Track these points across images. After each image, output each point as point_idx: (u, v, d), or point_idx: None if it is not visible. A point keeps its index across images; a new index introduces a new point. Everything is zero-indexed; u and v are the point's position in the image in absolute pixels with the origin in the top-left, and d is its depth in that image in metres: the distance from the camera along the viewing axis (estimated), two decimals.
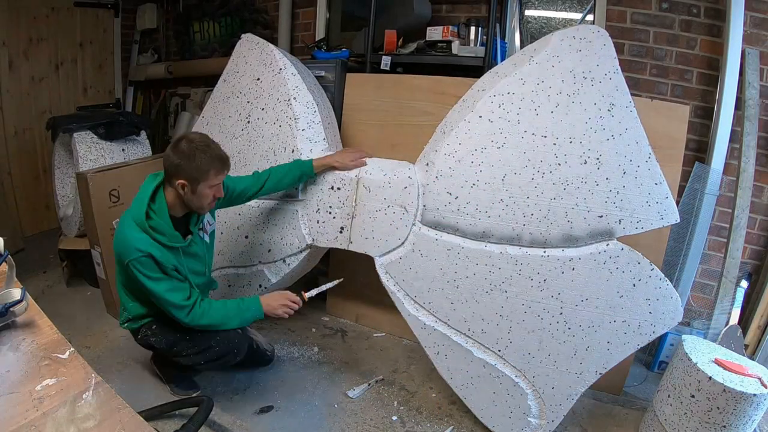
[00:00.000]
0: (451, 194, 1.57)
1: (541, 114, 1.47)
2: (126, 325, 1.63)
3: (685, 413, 1.41)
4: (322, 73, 2.11)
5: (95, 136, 2.27)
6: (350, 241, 1.75)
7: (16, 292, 0.84)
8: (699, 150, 1.94)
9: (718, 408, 1.33)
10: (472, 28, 2.05)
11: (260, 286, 1.97)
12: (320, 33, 2.61)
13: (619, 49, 1.66)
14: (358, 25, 2.33)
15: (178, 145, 1.40)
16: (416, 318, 1.66)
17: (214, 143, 1.44)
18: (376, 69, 2.16)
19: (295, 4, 2.71)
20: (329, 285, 1.67)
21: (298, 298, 1.59)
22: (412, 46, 2.12)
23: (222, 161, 1.44)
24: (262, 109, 1.89)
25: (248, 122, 1.93)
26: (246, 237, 1.95)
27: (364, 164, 1.75)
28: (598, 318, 1.46)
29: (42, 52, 3.04)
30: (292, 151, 1.82)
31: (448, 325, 1.62)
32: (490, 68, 1.68)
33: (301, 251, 1.86)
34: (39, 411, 0.66)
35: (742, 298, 1.72)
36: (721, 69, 1.83)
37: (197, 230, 1.56)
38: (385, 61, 2.12)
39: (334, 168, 1.75)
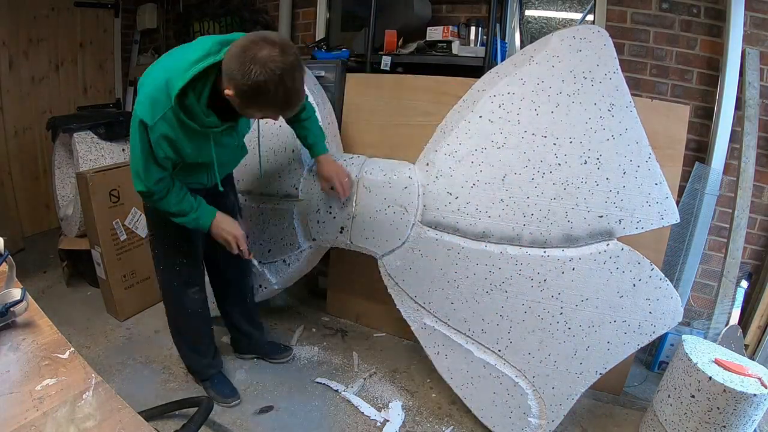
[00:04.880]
0: (451, 194, 1.57)
1: (541, 114, 1.47)
2: None
3: (685, 413, 1.41)
4: (322, 73, 2.11)
5: (95, 136, 2.27)
6: (350, 241, 1.75)
7: (16, 292, 0.84)
8: (699, 150, 1.94)
9: (718, 408, 1.33)
10: (472, 28, 2.05)
11: (260, 286, 1.97)
12: (320, 33, 2.61)
13: (619, 49, 1.66)
14: (358, 25, 2.33)
15: (251, 54, 1.05)
16: (416, 318, 1.66)
17: (291, 74, 1.08)
18: (376, 69, 2.16)
19: (295, 4, 2.71)
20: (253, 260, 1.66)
21: (245, 248, 1.48)
22: (412, 46, 2.12)
23: (286, 106, 1.16)
24: None
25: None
26: (246, 237, 1.94)
27: (338, 194, 1.64)
28: (598, 318, 1.46)
29: (42, 52, 3.04)
30: (293, 150, 1.82)
31: (448, 325, 1.62)
32: (490, 68, 1.68)
33: (301, 251, 1.86)
34: (39, 411, 0.66)
35: (742, 298, 1.72)
36: (721, 69, 1.83)
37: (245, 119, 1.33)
38: (385, 61, 2.11)
39: (319, 172, 1.65)
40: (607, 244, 1.44)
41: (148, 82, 1.20)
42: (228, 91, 1.12)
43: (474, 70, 1.93)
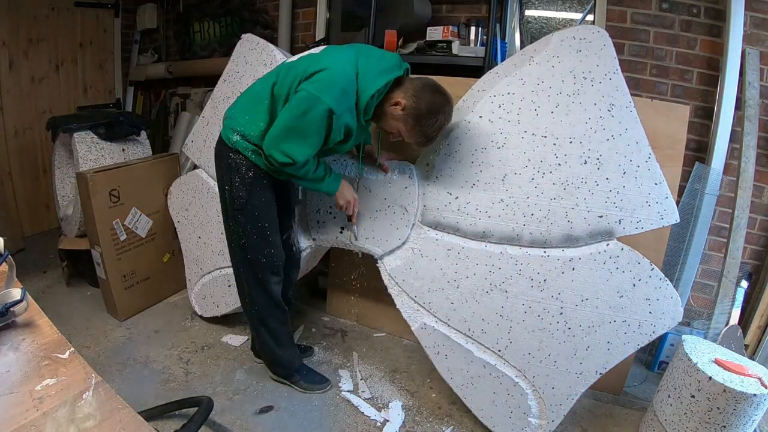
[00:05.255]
0: (451, 194, 1.57)
1: (541, 114, 1.47)
2: (235, 138, 1.46)
3: (685, 413, 1.41)
4: None
5: (95, 136, 2.26)
6: (350, 241, 1.75)
7: (16, 292, 0.84)
8: (699, 150, 1.94)
9: (718, 408, 1.33)
10: (472, 28, 2.05)
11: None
12: (320, 33, 2.61)
13: (619, 49, 1.66)
14: (358, 25, 2.33)
15: (440, 104, 1.37)
16: (416, 318, 1.66)
17: (445, 128, 1.44)
18: None
19: (295, 4, 2.71)
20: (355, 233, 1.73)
21: (356, 212, 1.65)
22: (412, 46, 2.12)
23: (425, 142, 1.45)
24: None
25: None
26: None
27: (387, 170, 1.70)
28: (598, 318, 1.46)
29: (42, 52, 3.04)
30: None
31: (448, 325, 1.62)
32: (490, 68, 1.68)
33: (301, 251, 1.86)
34: (39, 411, 0.66)
35: (742, 298, 1.72)
36: (721, 69, 1.83)
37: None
38: None
39: (370, 156, 1.72)
40: (607, 244, 1.44)
41: (338, 71, 1.32)
42: (401, 100, 1.37)
43: (474, 70, 1.93)
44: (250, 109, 1.45)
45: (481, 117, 1.53)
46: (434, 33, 2.06)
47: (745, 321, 1.83)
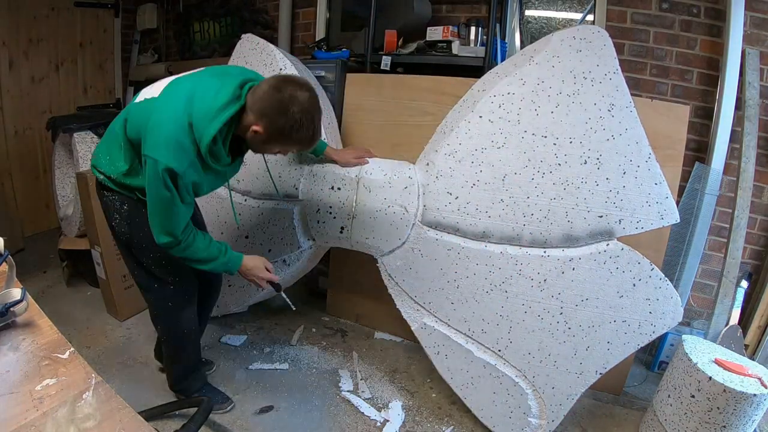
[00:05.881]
0: (451, 194, 1.57)
1: (542, 114, 1.47)
2: (101, 177, 1.36)
3: (685, 413, 1.41)
4: (322, 73, 2.11)
5: (95, 136, 2.27)
6: (350, 241, 1.75)
7: (16, 292, 0.84)
8: (699, 150, 1.94)
9: (718, 408, 1.33)
10: (472, 28, 2.05)
11: (260, 287, 1.96)
12: (320, 33, 2.61)
13: (619, 49, 1.66)
14: (358, 25, 2.33)
15: (286, 100, 1.13)
16: (416, 318, 1.66)
17: (318, 114, 1.21)
18: (376, 69, 2.16)
19: (295, 4, 2.71)
20: (288, 301, 1.56)
21: (275, 283, 1.50)
22: (412, 46, 2.12)
23: (311, 142, 1.25)
24: None
25: None
26: (246, 237, 1.95)
27: (366, 162, 1.72)
28: (598, 318, 1.46)
29: (42, 52, 3.04)
30: (293, 151, 1.82)
31: (448, 325, 1.62)
32: (490, 68, 1.68)
33: (301, 251, 1.86)
34: (39, 411, 0.66)
35: (742, 298, 1.72)
36: (721, 69, 1.83)
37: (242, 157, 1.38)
38: (385, 61, 2.11)
39: (335, 162, 1.73)
40: (607, 244, 1.44)
41: (167, 124, 1.15)
42: (257, 128, 1.16)
43: (474, 70, 1.93)
44: (109, 149, 1.34)
45: (481, 117, 1.53)
46: (434, 33, 2.06)
47: (745, 321, 1.83)
